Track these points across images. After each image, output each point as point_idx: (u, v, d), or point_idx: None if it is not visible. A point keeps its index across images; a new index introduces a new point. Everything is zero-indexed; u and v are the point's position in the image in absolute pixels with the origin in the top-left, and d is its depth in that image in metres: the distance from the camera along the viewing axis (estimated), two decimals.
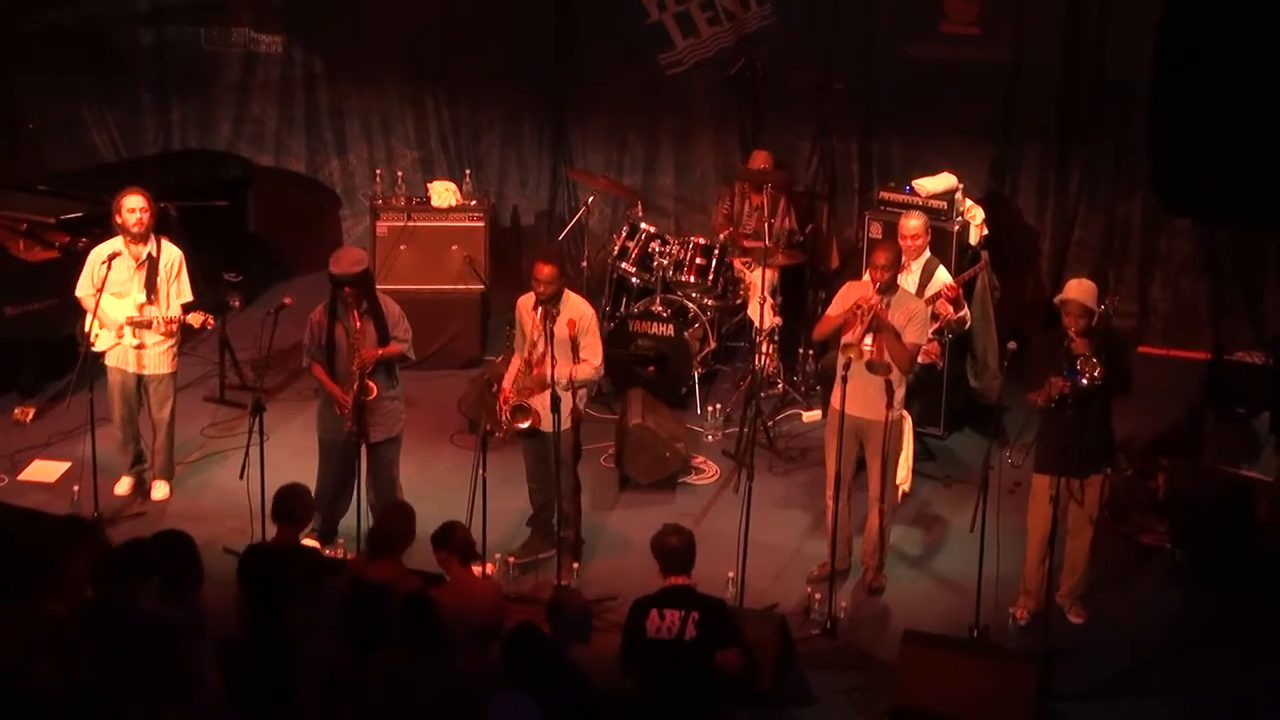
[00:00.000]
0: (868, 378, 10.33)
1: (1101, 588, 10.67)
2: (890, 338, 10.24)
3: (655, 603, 8.65)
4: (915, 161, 14.16)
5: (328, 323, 10.65)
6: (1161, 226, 14.09)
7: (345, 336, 10.59)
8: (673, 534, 8.82)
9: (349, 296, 10.53)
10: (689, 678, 8.53)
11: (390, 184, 14.53)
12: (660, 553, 8.80)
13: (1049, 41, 14.02)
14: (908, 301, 10.57)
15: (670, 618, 8.56)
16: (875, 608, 10.61)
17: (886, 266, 10.34)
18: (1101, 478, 10.19)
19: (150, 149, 16.12)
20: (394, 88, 15.77)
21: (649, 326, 13.11)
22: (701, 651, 8.51)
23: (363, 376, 10.52)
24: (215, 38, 16.02)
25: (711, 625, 8.56)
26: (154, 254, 11.26)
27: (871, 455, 10.56)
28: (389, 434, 10.82)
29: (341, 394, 10.59)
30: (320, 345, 10.68)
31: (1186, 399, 12.75)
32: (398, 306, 10.85)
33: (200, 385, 13.21)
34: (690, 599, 8.65)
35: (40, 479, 11.83)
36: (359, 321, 10.54)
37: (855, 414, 10.37)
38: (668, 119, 15.24)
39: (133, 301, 11.23)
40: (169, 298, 11.31)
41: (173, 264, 11.35)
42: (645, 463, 11.95)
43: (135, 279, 11.24)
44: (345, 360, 10.59)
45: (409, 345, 10.81)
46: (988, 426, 11.54)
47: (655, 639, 8.54)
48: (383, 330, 10.62)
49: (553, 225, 15.46)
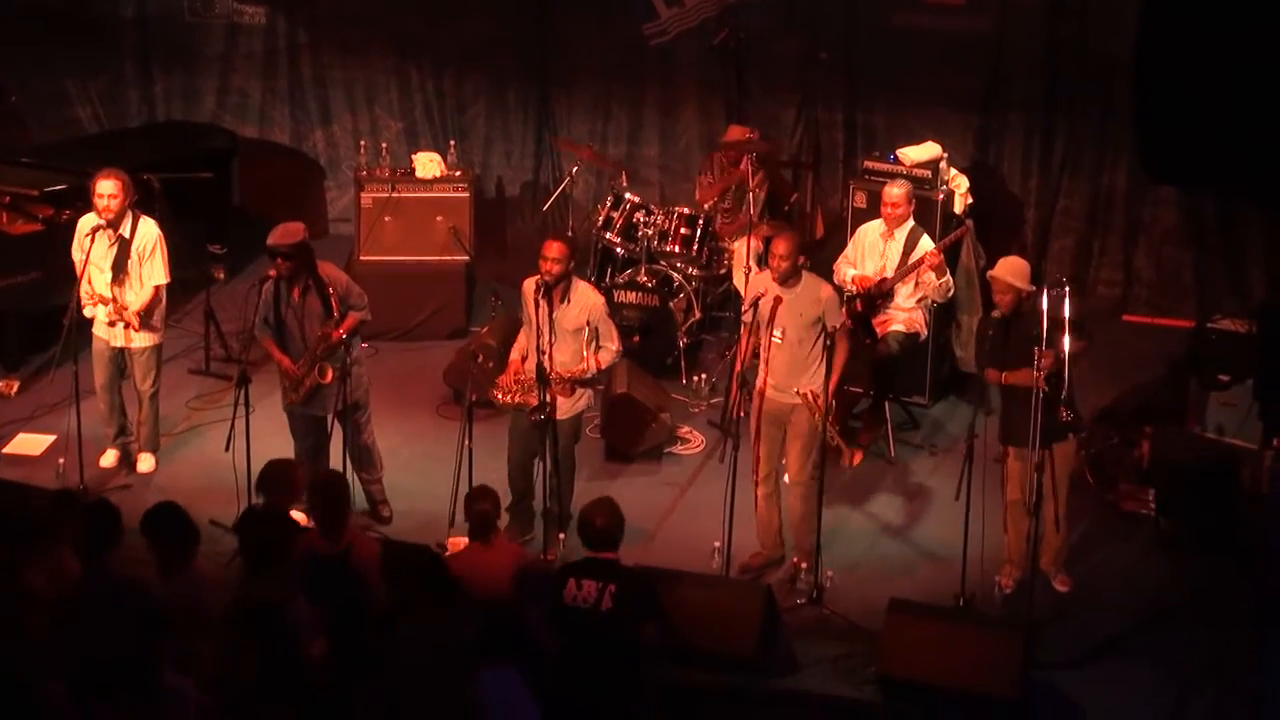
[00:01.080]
0: (787, 362, 10.31)
1: (1086, 555, 10.71)
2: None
3: (575, 571, 8.72)
4: (900, 130, 14.16)
5: (273, 297, 10.60)
6: (1145, 195, 14.11)
7: (291, 313, 10.56)
8: (598, 514, 8.82)
9: (285, 270, 10.46)
10: (604, 646, 8.58)
11: (375, 155, 14.49)
12: (582, 532, 8.85)
13: (1033, 10, 14.02)
14: (816, 289, 10.40)
15: (587, 588, 8.60)
16: (861, 576, 10.62)
17: (784, 256, 10.22)
18: (1069, 445, 10.17)
19: (134, 121, 16.05)
20: (378, 58, 15.71)
21: (634, 297, 13.10)
22: (618, 622, 8.54)
23: (320, 360, 10.50)
24: (198, 8, 15.94)
25: (628, 597, 8.59)
26: (126, 235, 11.20)
27: (791, 439, 10.43)
28: (352, 399, 10.68)
29: (292, 365, 10.58)
30: (267, 321, 10.65)
31: (1171, 367, 12.77)
32: (344, 275, 10.81)
33: (185, 357, 13.20)
34: (610, 571, 8.68)
35: (25, 452, 11.81)
36: (299, 296, 10.51)
37: (782, 400, 10.37)
38: (652, 89, 15.22)
39: (105, 279, 11.21)
40: (141, 277, 11.27)
41: (147, 244, 11.26)
42: (631, 433, 11.96)
43: (108, 258, 11.20)
44: (297, 337, 10.58)
45: (365, 309, 10.74)
46: (972, 395, 11.59)
47: (571, 606, 8.60)
48: (326, 303, 10.54)
49: (537, 196, 15.44)
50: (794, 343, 10.29)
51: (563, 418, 10.56)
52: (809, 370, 10.32)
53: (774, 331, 10.27)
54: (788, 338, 10.28)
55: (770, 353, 10.34)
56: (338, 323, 10.54)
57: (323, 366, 10.53)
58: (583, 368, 10.50)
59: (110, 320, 11.22)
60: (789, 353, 10.31)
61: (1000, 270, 10.13)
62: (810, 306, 10.28)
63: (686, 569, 9.99)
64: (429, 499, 11.09)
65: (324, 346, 10.51)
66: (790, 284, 10.29)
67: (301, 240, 10.53)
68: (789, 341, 10.28)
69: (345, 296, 10.61)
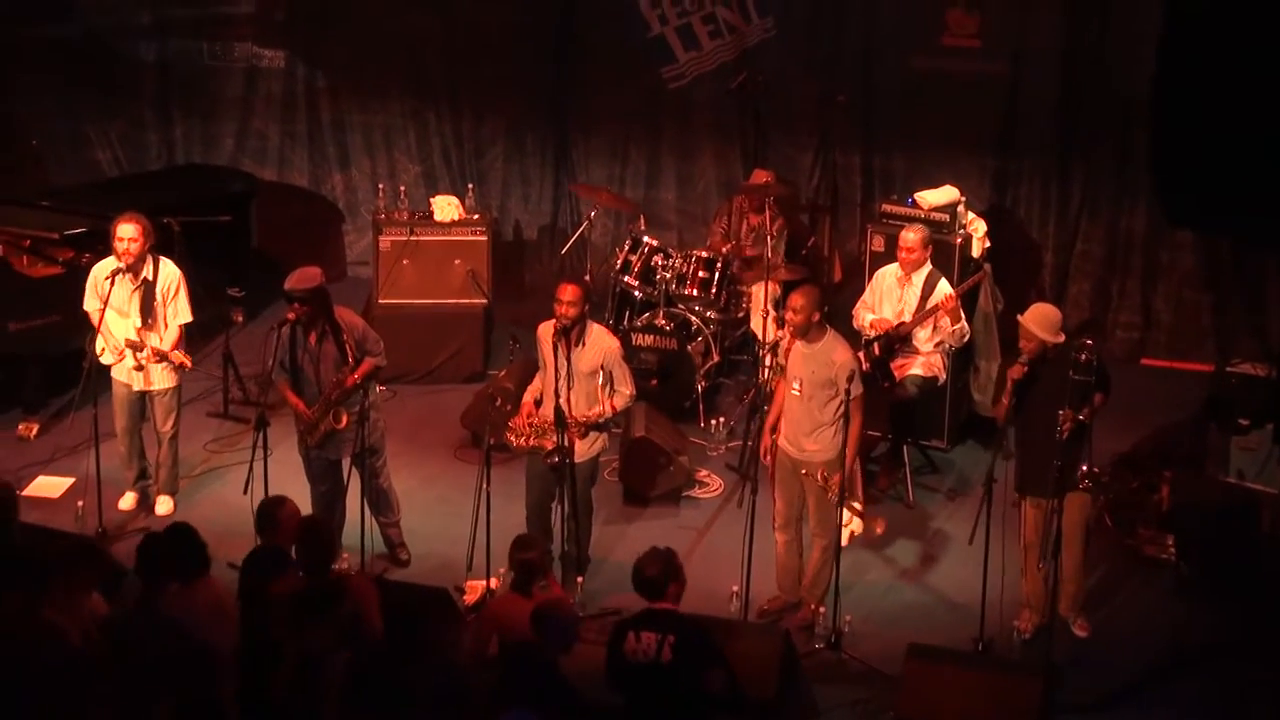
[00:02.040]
0: (802, 415, 10.26)
1: (1105, 600, 10.68)
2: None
3: (633, 625, 8.62)
4: (917, 174, 14.18)
5: (289, 342, 10.59)
6: (1163, 238, 14.11)
7: (307, 358, 10.57)
8: (649, 564, 8.73)
9: (302, 315, 10.46)
10: (667, 699, 8.48)
11: (393, 198, 14.54)
12: (637, 583, 8.75)
13: (1050, 54, 14.05)
14: (830, 351, 10.19)
15: (646, 640, 8.50)
16: (879, 621, 10.59)
17: (798, 310, 10.11)
18: (1079, 497, 10.07)
19: (153, 164, 16.12)
20: (396, 102, 15.78)
21: (652, 340, 13.11)
22: (679, 673, 8.46)
23: (335, 405, 10.51)
24: (218, 52, 16.03)
25: (688, 648, 8.50)
26: (150, 278, 11.26)
27: (808, 493, 10.37)
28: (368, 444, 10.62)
29: (306, 410, 10.58)
30: (283, 365, 10.64)
31: (1190, 411, 12.74)
32: (361, 321, 10.80)
33: (204, 400, 13.21)
34: (668, 622, 8.59)
35: (44, 495, 11.83)
36: (315, 341, 10.52)
37: (792, 454, 10.35)
38: (670, 133, 15.26)
39: (131, 324, 11.24)
40: (166, 319, 11.32)
41: (170, 284, 11.32)
42: (649, 476, 11.95)
43: (133, 301, 11.25)
44: (313, 381, 10.58)
45: (381, 355, 10.73)
46: (990, 440, 11.56)
47: (632, 661, 8.51)
48: (341, 349, 10.55)
49: (555, 239, 15.47)
50: (807, 398, 10.24)
51: (579, 461, 10.55)
52: (819, 428, 10.23)
53: (793, 383, 10.26)
54: (804, 391, 10.25)
55: (788, 403, 10.32)
56: (353, 368, 10.55)
57: (337, 412, 10.53)
58: (598, 411, 10.49)
59: (138, 365, 11.24)
60: (803, 407, 10.26)
61: (1027, 318, 10.05)
62: (823, 368, 10.16)
63: (705, 613, 9.93)
64: (446, 542, 11.10)
65: (338, 392, 10.51)
66: (810, 339, 10.21)
67: (318, 285, 10.52)
68: (804, 396, 10.25)
69: (361, 342, 10.61)
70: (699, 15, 14.82)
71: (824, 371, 10.15)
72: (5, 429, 12.72)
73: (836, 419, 10.11)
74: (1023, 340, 10.06)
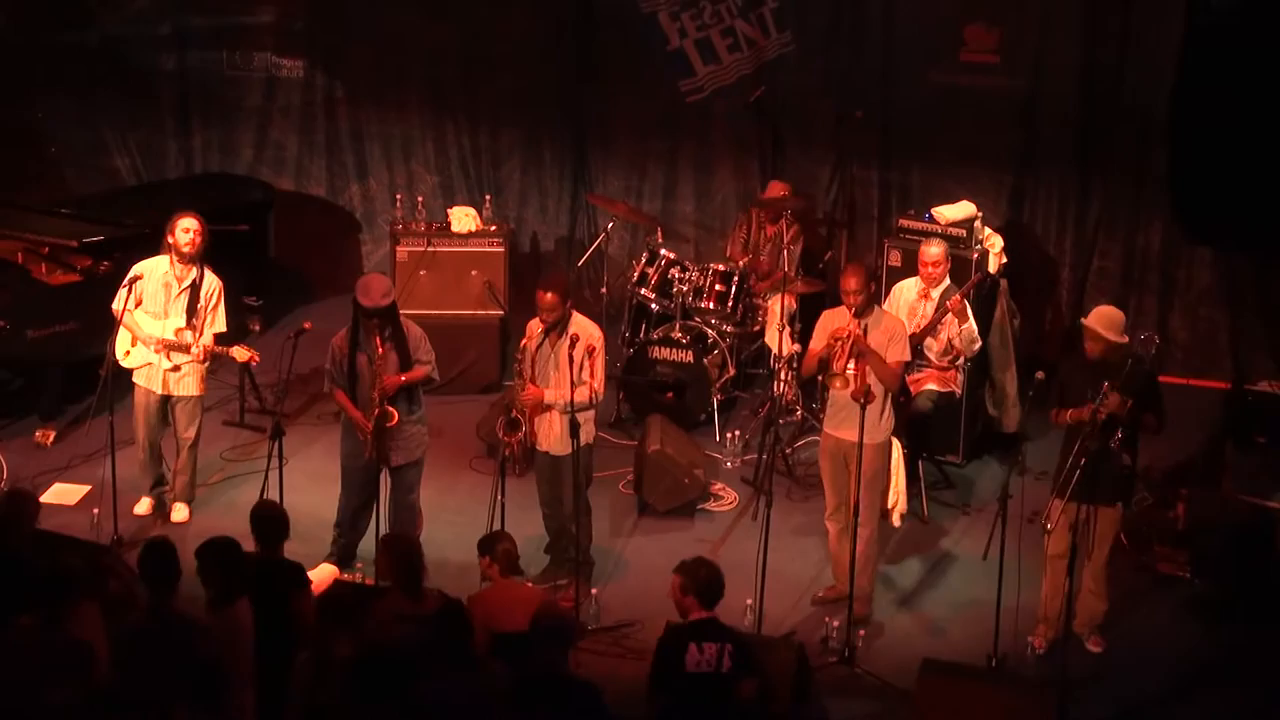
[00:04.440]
0: (851, 402, 10.33)
1: (1120, 617, 10.65)
2: (874, 361, 10.27)
3: (692, 636, 8.56)
4: (934, 189, 14.18)
5: (349, 348, 10.67)
6: (1181, 255, 14.08)
7: (368, 363, 10.61)
8: (701, 568, 8.71)
9: (375, 325, 10.57)
10: (721, 708, 8.49)
11: (410, 209, 14.57)
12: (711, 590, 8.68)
13: (1068, 69, 14.03)
14: (886, 320, 10.58)
15: (709, 651, 8.49)
16: (893, 636, 10.60)
17: (858, 290, 10.32)
18: (1117, 509, 10.16)
19: (172, 173, 16.17)
20: (414, 112, 15.81)
21: (668, 353, 13.12)
22: (733, 682, 8.49)
23: (384, 402, 10.54)
24: (237, 61, 16.08)
25: (742, 656, 8.53)
26: (197, 280, 11.36)
27: (859, 481, 10.46)
28: (410, 458, 10.85)
29: (363, 419, 10.62)
30: (342, 371, 10.70)
31: (1206, 429, 12.73)
32: (419, 329, 10.87)
33: (220, 409, 13.23)
34: (721, 631, 8.61)
35: (61, 502, 11.84)
36: (382, 348, 10.57)
37: (843, 436, 10.42)
38: (688, 145, 15.26)
39: (171, 324, 11.30)
40: (205, 325, 11.39)
41: (213, 292, 11.44)
42: (664, 489, 11.95)
43: (176, 303, 11.31)
44: (367, 386, 10.61)
45: (433, 366, 10.84)
46: (1006, 455, 11.58)
47: (696, 672, 8.47)
48: (405, 356, 10.65)
49: (572, 251, 15.48)
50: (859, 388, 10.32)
51: (559, 454, 10.67)
52: (875, 411, 10.35)
53: (847, 366, 10.31)
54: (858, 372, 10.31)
55: (837, 388, 10.35)
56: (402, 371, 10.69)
57: (387, 411, 10.59)
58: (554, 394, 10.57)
59: (174, 366, 11.34)
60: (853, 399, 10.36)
61: (1093, 321, 10.05)
62: (882, 338, 10.36)
63: None
64: (461, 551, 11.07)
65: (380, 391, 10.56)
66: (865, 315, 10.40)
67: (394, 298, 10.70)
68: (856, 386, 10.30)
69: (415, 350, 10.72)
70: (718, 29, 14.83)
71: (881, 338, 10.34)
72: (23, 435, 12.75)
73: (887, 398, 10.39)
74: (1089, 343, 10.03)
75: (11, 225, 13.26)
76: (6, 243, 13.01)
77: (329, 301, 14.76)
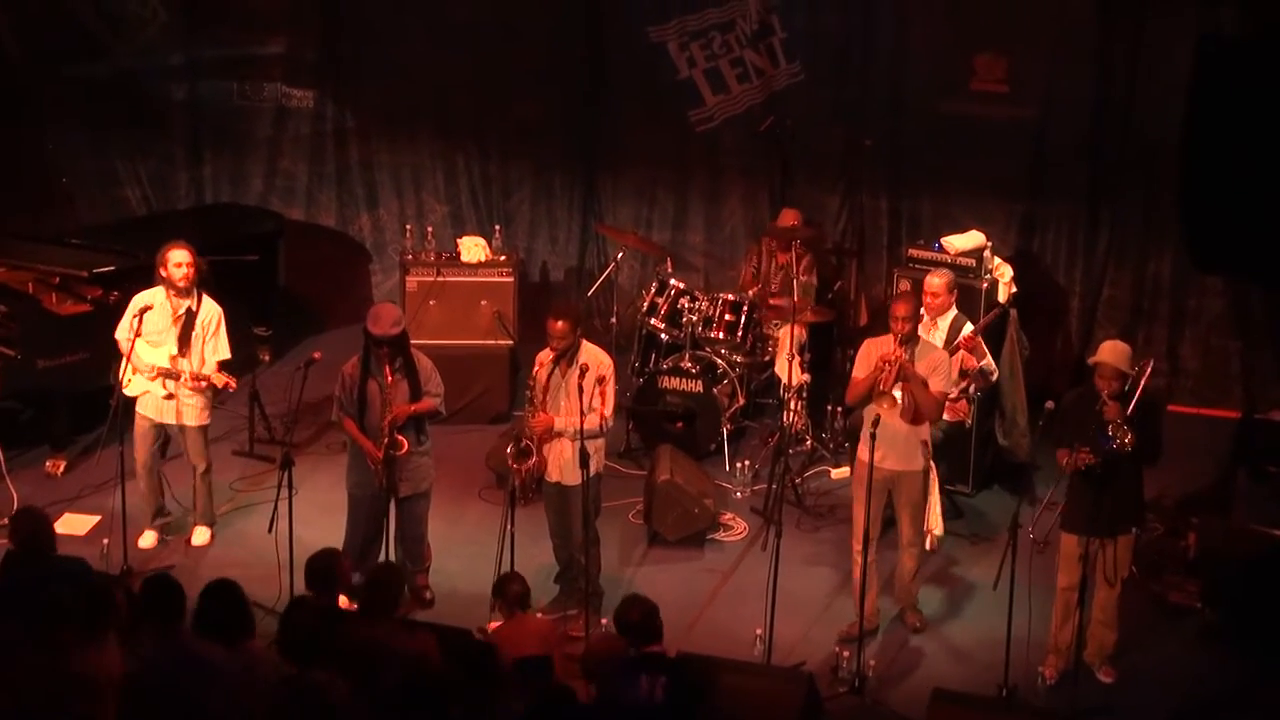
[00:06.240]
0: (896, 430, 10.40)
1: (1131, 647, 10.62)
2: (919, 387, 10.36)
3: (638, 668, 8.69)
4: (944, 218, 14.19)
5: (360, 377, 10.69)
6: (1191, 284, 14.08)
7: (378, 392, 10.62)
8: (632, 609, 8.89)
9: (385, 354, 10.58)
10: None
11: (420, 239, 14.60)
12: (622, 629, 8.89)
13: (1077, 99, 14.04)
14: (930, 352, 10.71)
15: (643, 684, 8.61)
16: (903, 666, 10.57)
17: (906, 318, 10.46)
18: (1129, 539, 10.16)
19: (182, 203, 16.19)
20: (425, 143, 15.84)
21: (678, 383, 13.13)
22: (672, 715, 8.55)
23: (393, 431, 10.55)
24: (247, 92, 16.11)
25: (678, 688, 8.60)
26: (193, 309, 11.38)
27: (902, 506, 10.67)
28: (417, 489, 10.85)
29: (373, 448, 10.62)
30: (352, 399, 10.72)
31: (1217, 458, 12.71)
32: (429, 361, 10.89)
33: (229, 439, 13.24)
34: (660, 664, 8.70)
35: (70, 532, 11.83)
36: (391, 377, 10.58)
37: (887, 467, 10.44)
38: (697, 175, 15.28)
39: (166, 352, 11.31)
40: (203, 353, 11.39)
41: (211, 320, 11.46)
42: (673, 519, 11.94)
43: (171, 331, 11.34)
44: (377, 415, 10.62)
45: (441, 400, 10.85)
46: (1016, 485, 11.56)
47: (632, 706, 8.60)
48: (415, 386, 10.67)
49: (582, 281, 15.49)
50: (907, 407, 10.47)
51: (554, 480, 10.67)
52: (918, 438, 10.54)
53: (895, 392, 10.42)
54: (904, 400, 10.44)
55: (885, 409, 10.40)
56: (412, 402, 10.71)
57: (396, 440, 10.59)
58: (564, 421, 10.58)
59: (169, 394, 11.34)
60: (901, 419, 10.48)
61: (1106, 355, 9.98)
62: (925, 369, 10.51)
63: (728, 656, 9.94)
64: (470, 581, 11.09)
65: (391, 420, 10.57)
66: (910, 344, 10.52)
67: (405, 328, 10.73)
68: (904, 405, 10.43)
69: (425, 382, 10.74)
70: (727, 59, 14.86)
71: (925, 369, 10.48)
72: (33, 466, 12.75)
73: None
74: (1103, 379, 9.94)
75: (22, 256, 13.29)
76: (17, 273, 13.03)
77: (339, 331, 14.80)
